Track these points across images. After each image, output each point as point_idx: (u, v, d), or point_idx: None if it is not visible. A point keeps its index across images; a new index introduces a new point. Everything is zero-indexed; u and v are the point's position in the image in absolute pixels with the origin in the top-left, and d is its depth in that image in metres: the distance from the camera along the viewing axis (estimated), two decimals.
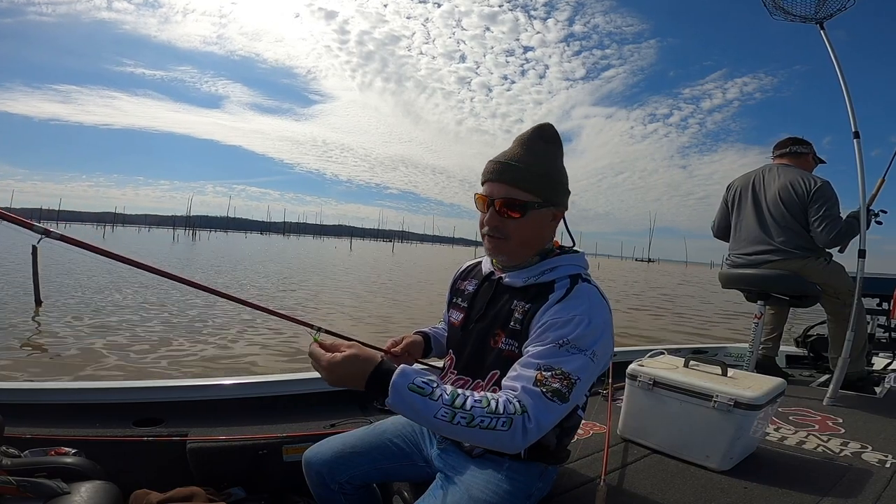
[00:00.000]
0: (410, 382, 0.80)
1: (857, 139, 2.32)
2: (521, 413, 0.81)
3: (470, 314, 1.12)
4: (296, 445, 1.50)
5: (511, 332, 0.99)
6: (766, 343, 2.80)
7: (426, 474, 1.13)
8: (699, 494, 1.25)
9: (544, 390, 0.83)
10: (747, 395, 1.38)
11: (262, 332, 6.13)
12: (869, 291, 2.93)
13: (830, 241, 2.37)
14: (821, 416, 1.97)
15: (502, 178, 0.98)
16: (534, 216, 0.99)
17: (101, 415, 1.55)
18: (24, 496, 0.96)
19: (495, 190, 0.99)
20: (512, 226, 0.99)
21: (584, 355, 0.87)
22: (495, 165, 1.00)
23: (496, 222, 1.00)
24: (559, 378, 0.84)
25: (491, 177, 1.00)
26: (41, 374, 4.22)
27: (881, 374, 2.69)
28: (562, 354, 0.86)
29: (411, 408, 0.79)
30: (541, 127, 1.03)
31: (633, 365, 1.61)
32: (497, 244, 1.02)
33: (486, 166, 1.02)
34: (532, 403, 0.82)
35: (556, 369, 0.85)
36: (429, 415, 0.79)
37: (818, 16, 2.42)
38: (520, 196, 0.97)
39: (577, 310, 0.91)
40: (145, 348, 5.18)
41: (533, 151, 0.99)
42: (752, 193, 2.63)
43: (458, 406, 0.79)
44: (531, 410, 0.81)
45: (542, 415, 0.82)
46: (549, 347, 0.88)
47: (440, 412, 0.79)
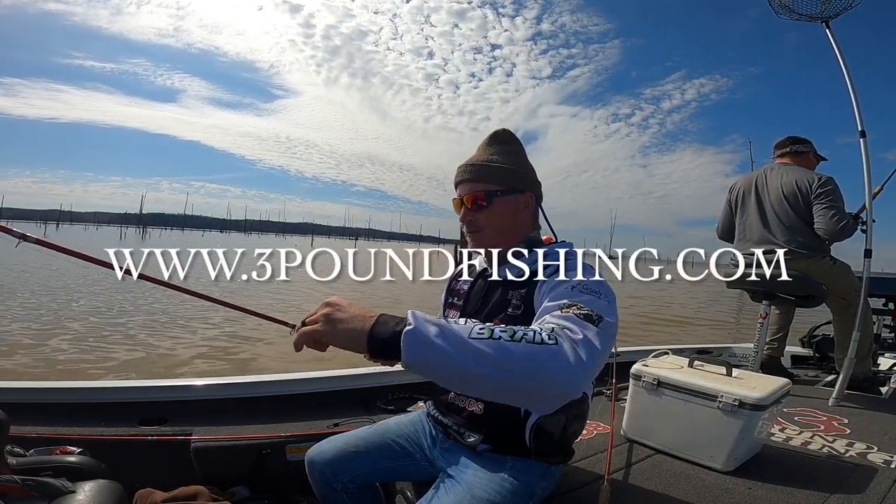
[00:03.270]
0: (429, 318, 0.67)
1: (863, 138, 2.31)
2: (563, 329, 0.71)
3: (466, 311, 1.14)
4: (299, 445, 1.50)
5: (510, 318, 1.01)
6: (771, 343, 2.78)
7: (429, 474, 1.13)
8: (703, 495, 1.24)
9: (576, 312, 0.76)
10: (752, 396, 1.37)
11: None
12: (875, 291, 2.92)
13: (837, 231, 2.33)
14: (826, 417, 1.96)
15: (465, 178, 1.10)
16: (500, 204, 1.07)
17: (106, 414, 1.55)
18: (29, 495, 0.96)
19: (463, 189, 1.10)
20: (482, 217, 1.08)
21: (600, 298, 0.83)
22: (459, 169, 1.12)
23: (469, 217, 1.09)
24: (585, 313, 0.76)
25: (457, 179, 1.12)
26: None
27: (887, 375, 2.68)
28: (578, 295, 0.83)
29: (440, 333, 0.64)
30: (494, 132, 1.14)
31: (637, 365, 1.61)
32: (475, 237, 1.11)
33: (458, 170, 1.12)
34: (568, 324, 0.73)
35: (578, 304, 0.79)
36: (463, 335, 0.65)
37: (824, 14, 2.41)
38: (482, 188, 1.07)
39: (576, 273, 0.94)
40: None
41: (489, 151, 1.11)
42: (755, 193, 2.62)
43: (490, 326, 0.68)
44: (573, 328, 0.71)
45: (583, 331, 0.71)
46: (560, 290, 0.86)
47: (474, 330, 0.66)
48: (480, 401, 1.05)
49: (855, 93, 2.33)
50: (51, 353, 4.86)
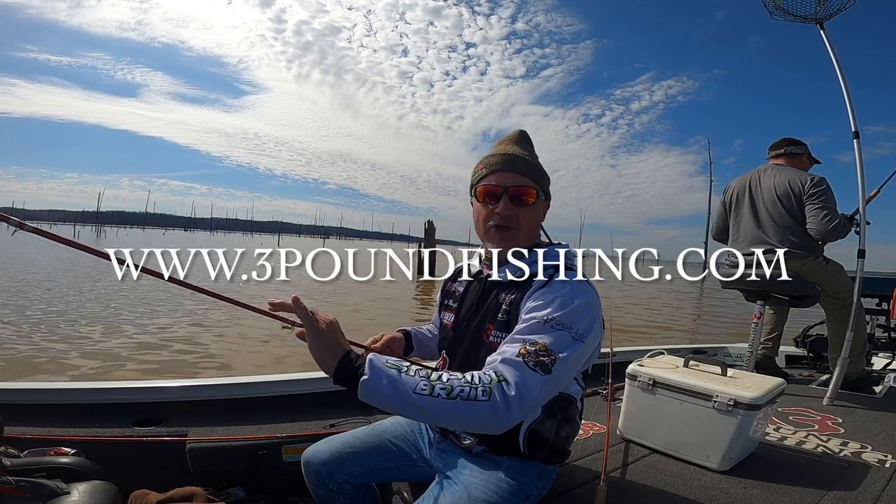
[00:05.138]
0: (385, 361, 0.80)
1: (856, 139, 2.33)
2: (500, 381, 0.79)
3: (460, 313, 1.13)
4: (295, 445, 1.50)
5: (500, 323, 1.00)
6: (765, 343, 2.80)
7: (426, 474, 1.13)
8: (699, 494, 1.25)
9: (526, 360, 0.82)
10: (747, 395, 1.38)
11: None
12: (868, 291, 2.93)
13: (829, 232, 2.35)
14: (820, 416, 1.98)
15: (515, 168, 1.01)
16: (539, 206, 1.05)
17: (101, 415, 1.54)
18: (23, 496, 0.95)
19: (508, 179, 1.00)
20: (524, 214, 1.01)
21: (567, 332, 0.86)
22: (504, 157, 1.02)
23: (510, 211, 1.00)
24: (542, 352, 0.83)
25: (500, 167, 1.01)
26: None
27: (881, 374, 2.70)
28: (545, 330, 0.86)
29: (390, 384, 0.77)
30: (522, 132, 1.09)
31: (632, 365, 1.61)
32: (508, 234, 1.02)
33: (490, 159, 1.03)
34: (511, 371, 0.80)
35: (539, 343, 0.84)
36: (408, 390, 0.76)
37: (818, 16, 2.43)
38: (531, 184, 1.01)
39: (560, 291, 0.92)
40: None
41: (526, 149, 1.06)
42: (748, 194, 2.63)
43: (434, 379, 0.78)
44: (511, 378, 0.79)
45: (522, 383, 0.79)
46: (531, 324, 0.87)
47: (419, 386, 0.77)
48: None
49: (848, 93, 2.34)
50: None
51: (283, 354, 5.00)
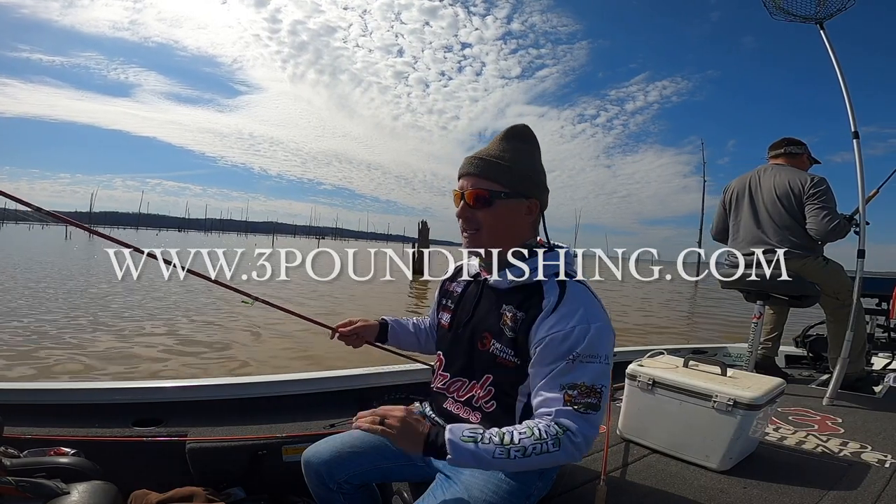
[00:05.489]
0: (462, 434, 0.86)
1: (856, 139, 2.33)
2: (565, 432, 0.87)
3: (456, 315, 1.13)
4: (295, 445, 1.50)
5: (503, 338, 0.99)
6: (765, 343, 2.80)
7: (426, 474, 1.13)
8: (698, 494, 1.25)
9: (577, 408, 0.88)
10: (747, 396, 1.38)
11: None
12: (868, 291, 2.93)
13: (829, 232, 2.35)
14: (820, 416, 1.98)
15: (469, 171, 1.02)
16: (502, 206, 1.01)
17: (101, 415, 1.54)
18: (23, 496, 0.95)
19: (465, 183, 1.02)
20: (480, 216, 1.01)
21: (598, 363, 0.90)
22: (466, 161, 1.04)
23: (467, 213, 1.02)
24: (586, 392, 0.89)
25: (461, 171, 1.04)
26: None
27: (880, 374, 2.70)
28: (577, 369, 0.89)
29: (472, 456, 0.85)
30: (513, 126, 1.05)
31: (632, 365, 1.61)
32: (471, 237, 1.04)
33: (464, 161, 1.05)
34: (570, 423, 0.88)
35: (580, 385, 0.89)
36: (487, 457, 0.85)
37: (818, 16, 2.43)
38: (486, 186, 1.00)
39: (574, 318, 0.91)
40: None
41: (502, 147, 1.03)
42: (748, 194, 2.63)
43: (507, 443, 0.85)
44: (573, 428, 0.87)
45: (584, 429, 0.88)
46: (563, 365, 0.90)
47: (496, 452, 0.85)
48: (478, 412, 1.04)
49: (848, 94, 2.34)
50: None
51: (319, 355, 5.05)
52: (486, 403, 1.03)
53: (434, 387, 1.17)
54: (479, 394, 1.04)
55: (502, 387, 1.01)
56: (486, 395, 1.03)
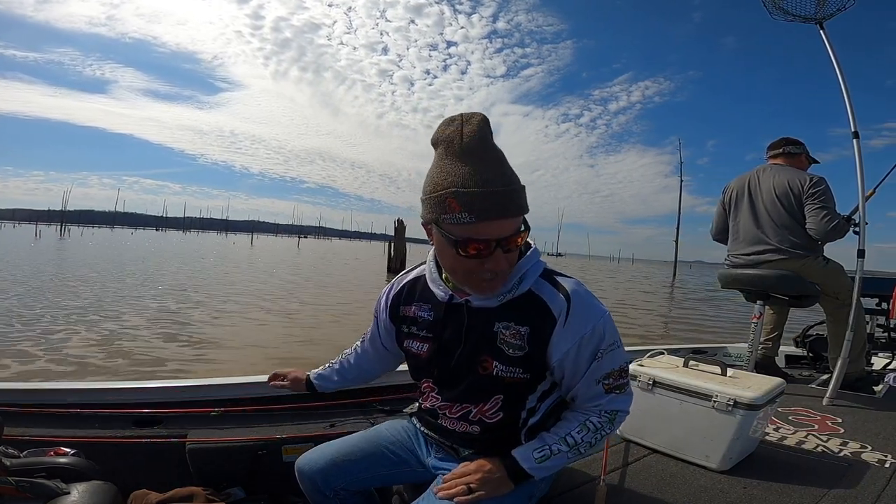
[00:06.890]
0: (533, 455, 0.94)
1: (856, 139, 2.33)
2: (616, 414, 0.99)
3: (442, 344, 1.01)
4: (295, 446, 1.50)
5: (504, 357, 0.95)
6: (765, 343, 2.80)
7: (424, 479, 1.11)
8: (698, 494, 1.25)
9: (617, 391, 0.98)
10: (747, 395, 1.38)
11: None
12: (868, 291, 2.93)
13: (829, 232, 2.35)
14: (820, 416, 1.98)
15: (509, 212, 0.82)
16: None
17: (101, 415, 1.55)
18: (23, 496, 0.96)
19: (498, 228, 0.82)
20: (514, 255, 0.89)
21: (617, 346, 0.97)
22: (496, 198, 0.80)
23: (505, 265, 0.86)
24: (618, 375, 0.97)
25: (494, 213, 0.81)
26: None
27: (880, 374, 2.69)
28: (605, 361, 0.95)
29: (550, 467, 0.95)
30: (483, 131, 0.83)
31: (632, 365, 1.61)
32: (498, 283, 0.90)
33: (478, 202, 0.79)
34: (617, 405, 0.99)
35: (612, 373, 0.96)
36: (562, 462, 0.96)
37: (818, 16, 2.43)
38: (520, 223, 0.86)
39: (588, 319, 0.93)
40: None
41: (498, 166, 0.83)
42: (748, 194, 2.63)
43: (572, 444, 0.95)
44: (621, 407, 0.99)
45: (627, 402, 1.00)
46: (594, 365, 0.94)
47: (566, 456, 0.95)
48: (476, 423, 1.01)
49: (848, 94, 2.34)
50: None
51: (317, 355, 5.04)
52: (491, 415, 1.00)
53: (423, 406, 1.12)
54: (484, 409, 1.00)
55: (511, 400, 0.99)
56: (493, 407, 1.00)
